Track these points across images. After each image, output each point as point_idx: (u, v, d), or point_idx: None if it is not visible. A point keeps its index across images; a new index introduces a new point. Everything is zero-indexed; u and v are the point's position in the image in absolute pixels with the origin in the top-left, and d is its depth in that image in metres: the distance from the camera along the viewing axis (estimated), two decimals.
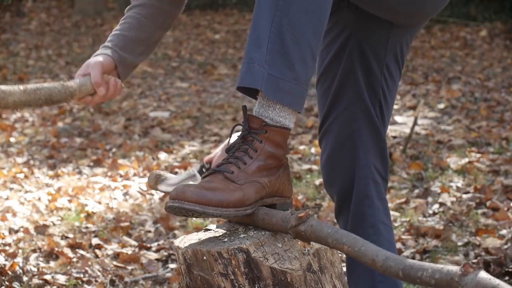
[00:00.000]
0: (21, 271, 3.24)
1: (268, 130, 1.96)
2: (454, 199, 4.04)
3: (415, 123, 5.06)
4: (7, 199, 4.35)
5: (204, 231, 2.03)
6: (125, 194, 4.47)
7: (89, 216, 4.05)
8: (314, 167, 4.79)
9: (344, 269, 3.31)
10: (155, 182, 2.22)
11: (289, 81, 1.94)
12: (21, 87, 2.01)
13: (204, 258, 1.90)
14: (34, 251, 3.55)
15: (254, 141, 1.96)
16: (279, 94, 1.93)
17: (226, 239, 1.93)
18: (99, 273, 3.30)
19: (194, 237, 2.00)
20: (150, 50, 2.36)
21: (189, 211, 1.88)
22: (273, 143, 1.97)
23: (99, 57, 2.24)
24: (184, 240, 1.99)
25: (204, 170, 2.13)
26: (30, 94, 2.02)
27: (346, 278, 2.04)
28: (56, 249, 3.53)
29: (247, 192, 1.94)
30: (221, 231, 2.01)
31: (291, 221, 1.87)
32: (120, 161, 5.09)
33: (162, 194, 4.42)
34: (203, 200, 1.89)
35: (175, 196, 1.89)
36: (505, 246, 3.32)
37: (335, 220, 2.37)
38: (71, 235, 3.77)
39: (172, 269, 3.41)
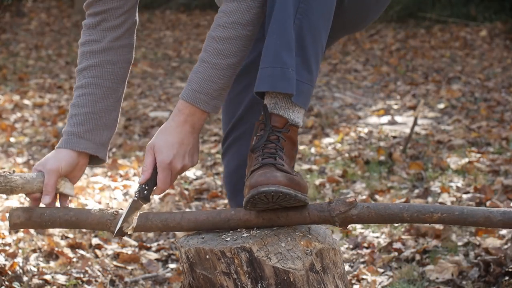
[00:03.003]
0: (21, 271, 3.24)
1: (290, 129, 1.98)
2: (454, 199, 4.04)
3: (415, 123, 5.06)
4: (7, 199, 4.34)
5: (207, 231, 2.04)
6: (125, 194, 4.48)
7: None
8: (314, 167, 4.79)
9: (347, 268, 3.31)
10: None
11: (306, 82, 1.97)
12: None
13: (207, 257, 1.90)
14: (34, 251, 3.55)
15: (280, 140, 1.97)
16: (300, 97, 1.96)
17: (229, 238, 1.93)
18: (99, 273, 3.30)
19: (197, 236, 2.00)
20: (119, 110, 2.25)
21: (285, 195, 1.84)
22: (292, 141, 2.00)
23: (59, 157, 2.11)
24: (187, 239, 1.99)
25: (145, 192, 2.07)
26: None
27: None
28: (56, 249, 3.53)
29: (305, 182, 1.95)
30: (224, 231, 2.01)
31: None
32: (120, 161, 5.09)
33: (162, 194, 4.41)
34: (293, 184, 1.88)
35: (266, 181, 1.84)
36: (505, 246, 3.32)
37: None
38: (71, 235, 3.77)
39: (172, 269, 3.41)
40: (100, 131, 2.18)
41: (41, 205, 2.12)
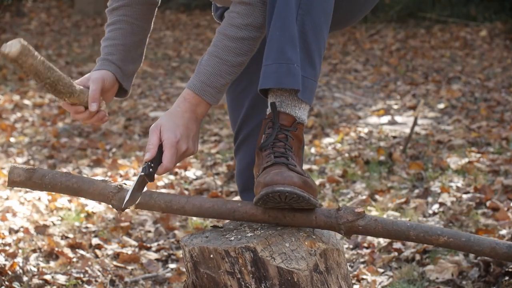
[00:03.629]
0: (21, 271, 3.24)
1: (297, 128, 1.98)
2: (454, 199, 4.04)
3: (415, 123, 5.06)
4: (7, 199, 4.35)
5: (211, 229, 2.04)
6: None
7: (89, 216, 4.05)
8: (314, 167, 4.79)
9: (349, 268, 3.31)
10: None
11: (311, 78, 1.97)
12: (43, 59, 2.01)
13: (211, 256, 1.90)
14: (34, 251, 3.55)
15: (288, 139, 1.97)
16: (305, 93, 1.96)
17: (233, 238, 1.93)
18: (99, 273, 3.30)
19: (201, 235, 2.00)
20: (144, 49, 2.38)
21: (299, 197, 1.85)
22: (299, 139, 2.00)
23: (101, 72, 2.24)
24: (191, 238, 1.99)
25: (150, 170, 2.09)
26: (45, 68, 2.01)
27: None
28: (56, 249, 3.53)
29: (315, 184, 1.95)
30: (228, 230, 2.01)
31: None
32: (120, 161, 5.09)
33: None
34: (306, 187, 1.88)
35: (282, 181, 1.85)
36: None
37: None
38: (71, 235, 3.77)
39: (172, 269, 3.41)
40: (127, 62, 2.32)
41: (87, 116, 2.19)
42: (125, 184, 2.12)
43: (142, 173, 2.05)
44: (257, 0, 2.03)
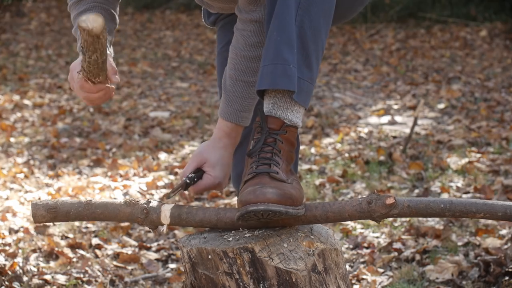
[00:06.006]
0: (21, 271, 3.24)
1: (287, 131, 1.97)
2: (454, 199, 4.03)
3: (415, 123, 5.06)
4: (7, 199, 4.35)
5: (209, 230, 2.04)
6: (125, 194, 4.48)
7: None
8: (314, 167, 4.79)
9: (347, 268, 3.31)
10: None
11: (307, 80, 1.95)
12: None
13: (209, 257, 1.91)
14: (34, 251, 3.55)
15: (277, 142, 1.96)
16: (301, 95, 1.95)
17: (231, 238, 1.94)
18: (99, 273, 3.30)
19: (199, 236, 2.00)
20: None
21: (275, 212, 1.84)
22: (290, 142, 1.98)
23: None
24: (189, 239, 1.99)
25: (192, 182, 2.09)
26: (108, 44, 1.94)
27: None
28: (56, 249, 3.53)
29: (300, 188, 1.94)
30: (226, 230, 2.01)
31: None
32: (120, 161, 5.09)
33: (162, 194, 4.42)
34: (283, 199, 1.86)
35: (255, 199, 1.83)
36: (505, 246, 3.32)
37: None
38: (71, 235, 3.77)
39: (172, 269, 3.41)
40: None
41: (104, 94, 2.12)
42: (150, 202, 2.07)
43: (188, 181, 2.08)
44: (264, 16, 2.03)
